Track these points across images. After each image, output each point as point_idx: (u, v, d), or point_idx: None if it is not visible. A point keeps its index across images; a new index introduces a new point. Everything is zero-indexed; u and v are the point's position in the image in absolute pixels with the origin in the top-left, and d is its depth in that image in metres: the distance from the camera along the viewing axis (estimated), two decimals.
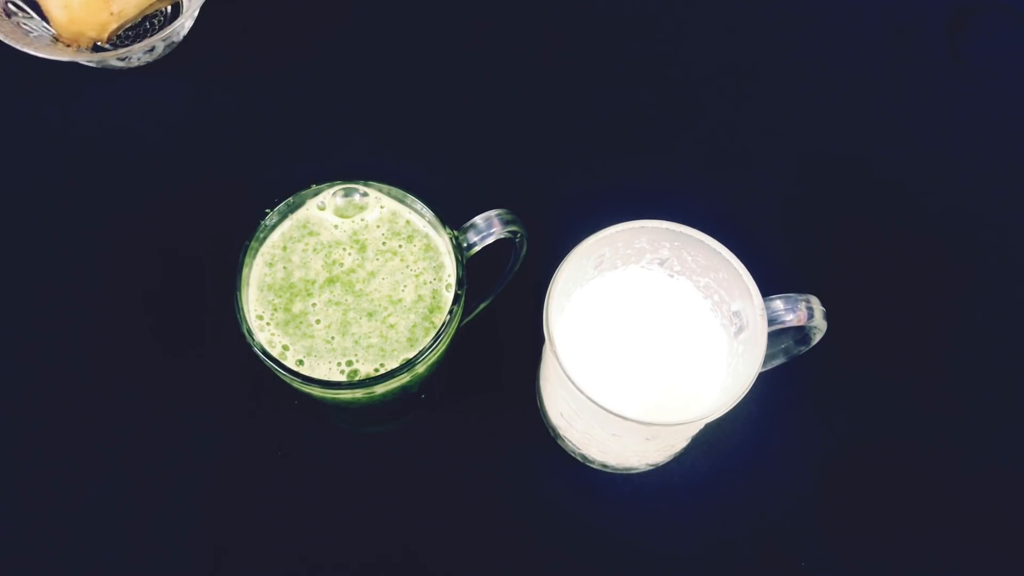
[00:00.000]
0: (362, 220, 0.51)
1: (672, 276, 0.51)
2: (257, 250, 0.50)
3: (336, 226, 0.51)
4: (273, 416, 0.57)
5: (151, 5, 0.66)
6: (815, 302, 0.47)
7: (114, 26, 0.65)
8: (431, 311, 0.49)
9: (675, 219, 0.48)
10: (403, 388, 0.49)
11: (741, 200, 0.64)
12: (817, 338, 0.49)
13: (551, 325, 0.46)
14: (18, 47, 0.61)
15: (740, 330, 0.48)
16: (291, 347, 0.48)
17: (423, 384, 0.52)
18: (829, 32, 0.70)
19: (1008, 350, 0.60)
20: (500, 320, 0.58)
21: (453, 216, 0.50)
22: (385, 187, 0.51)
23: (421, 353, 0.47)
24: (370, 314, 0.49)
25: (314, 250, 0.50)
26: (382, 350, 0.48)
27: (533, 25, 0.70)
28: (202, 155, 0.65)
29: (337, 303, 0.49)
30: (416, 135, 0.66)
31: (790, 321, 0.47)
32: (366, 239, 0.51)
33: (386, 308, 0.49)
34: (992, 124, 0.67)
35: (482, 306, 0.56)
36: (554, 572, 0.54)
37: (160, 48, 0.65)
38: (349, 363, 0.48)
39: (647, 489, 0.56)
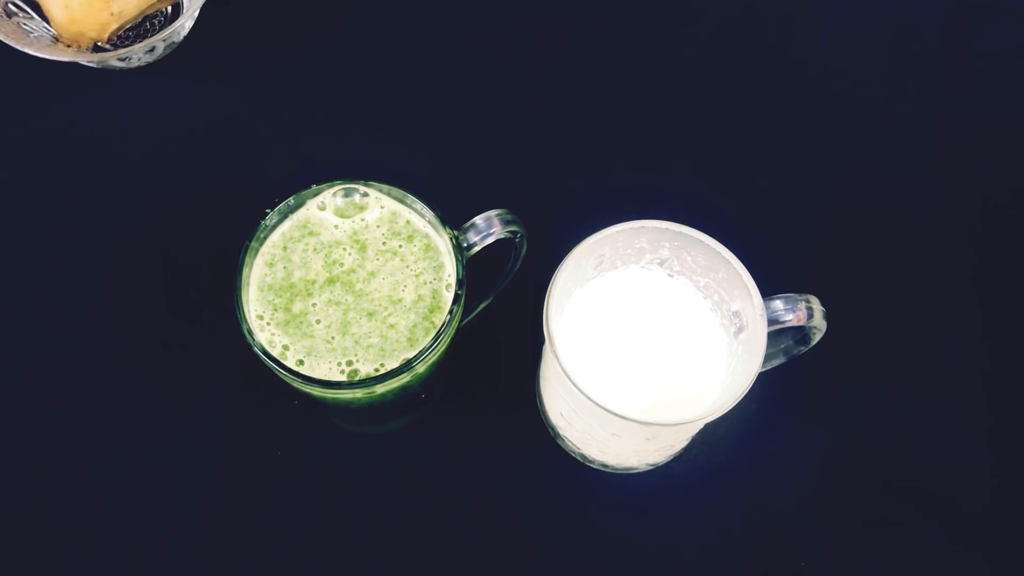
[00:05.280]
0: (362, 220, 0.51)
1: (672, 276, 0.51)
2: (257, 250, 0.50)
3: (336, 226, 0.51)
4: (273, 416, 0.57)
5: (151, 5, 0.66)
6: (815, 302, 0.47)
7: (114, 26, 0.65)
8: (431, 311, 0.49)
9: (675, 219, 0.48)
10: (403, 388, 0.49)
11: (741, 200, 0.64)
12: (817, 338, 0.49)
13: (551, 325, 0.46)
14: (18, 47, 0.61)
15: (740, 330, 0.48)
16: (291, 347, 0.48)
17: (423, 384, 0.52)
18: (829, 32, 0.70)
19: (1008, 350, 0.60)
20: (500, 320, 0.58)
21: (453, 216, 0.50)
22: (385, 187, 0.51)
23: (421, 353, 0.47)
24: (370, 314, 0.49)
25: (314, 250, 0.51)
26: (382, 350, 0.48)
27: (533, 25, 0.70)
28: (202, 155, 0.65)
29: (337, 303, 0.49)
30: (416, 135, 0.66)
31: (790, 321, 0.47)
32: (366, 239, 0.51)
33: (386, 308, 0.49)
34: (992, 124, 0.67)
35: (482, 306, 0.56)
36: (554, 572, 0.54)
37: (160, 48, 0.65)
38: (349, 363, 0.48)
39: (647, 489, 0.56)
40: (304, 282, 0.50)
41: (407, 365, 0.47)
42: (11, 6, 0.65)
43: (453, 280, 0.50)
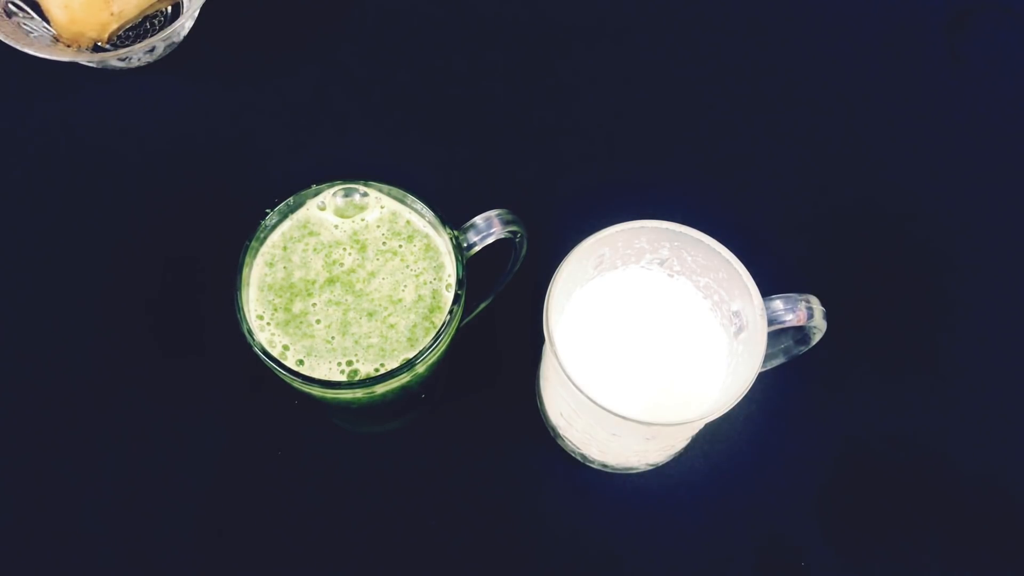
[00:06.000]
0: (362, 220, 0.51)
1: (672, 276, 0.51)
2: (257, 250, 0.50)
3: (336, 226, 0.51)
4: (273, 416, 0.57)
5: (151, 5, 0.66)
6: (815, 302, 0.47)
7: (114, 26, 0.65)
8: (431, 311, 0.49)
9: (675, 219, 0.48)
10: (403, 388, 0.49)
11: (741, 200, 0.64)
12: (817, 338, 0.49)
13: (551, 325, 0.46)
14: (18, 47, 0.61)
15: (740, 330, 0.48)
16: (291, 347, 0.48)
17: (423, 384, 0.52)
18: (830, 32, 0.70)
19: (1008, 350, 0.60)
20: (500, 320, 0.58)
21: (453, 216, 0.50)
22: (385, 187, 0.51)
23: (421, 353, 0.47)
24: (370, 314, 0.49)
25: (314, 250, 0.50)
26: (382, 350, 0.48)
27: (533, 25, 0.70)
28: (202, 155, 0.65)
29: (337, 303, 0.49)
30: (416, 135, 0.66)
31: (790, 321, 0.47)
32: (366, 239, 0.51)
33: (386, 308, 0.49)
34: (992, 124, 0.67)
35: (482, 306, 0.56)
36: (554, 572, 0.54)
37: (160, 48, 0.65)
38: (349, 363, 0.48)
39: (647, 489, 0.56)
40: (304, 282, 0.50)
41: (407, 365, 0.47)
42: (11, 6, 0.65)
43: (453, 280, 0.50)
